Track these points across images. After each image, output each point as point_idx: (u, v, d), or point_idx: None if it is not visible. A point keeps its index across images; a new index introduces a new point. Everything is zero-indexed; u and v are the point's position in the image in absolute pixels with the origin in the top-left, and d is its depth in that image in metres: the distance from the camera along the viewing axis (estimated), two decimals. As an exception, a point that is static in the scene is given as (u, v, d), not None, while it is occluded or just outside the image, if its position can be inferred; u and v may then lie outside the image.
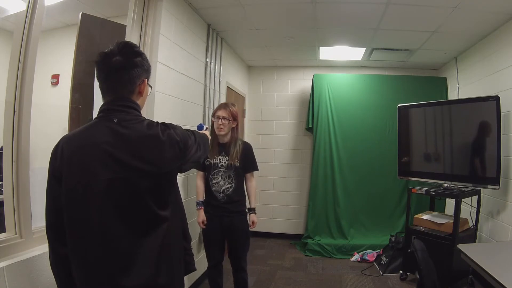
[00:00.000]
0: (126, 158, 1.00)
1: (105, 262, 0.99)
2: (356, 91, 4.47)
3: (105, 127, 1.03)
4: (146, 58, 1.13)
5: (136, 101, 1.11)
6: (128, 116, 1.06)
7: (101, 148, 1.00)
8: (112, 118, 1.04)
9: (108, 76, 1.07)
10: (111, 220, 0.99)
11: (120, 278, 0.99)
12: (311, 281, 3.36)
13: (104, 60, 1.06)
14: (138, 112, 1.10)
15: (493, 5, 2.63)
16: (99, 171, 0.99)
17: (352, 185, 4.41)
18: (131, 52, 1.08)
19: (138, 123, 1.06)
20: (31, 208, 1.48)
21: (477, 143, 3.07)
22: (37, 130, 1.60)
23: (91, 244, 0.99)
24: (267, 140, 4.87)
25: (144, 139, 1.04)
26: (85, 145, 1.02)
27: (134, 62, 1.07)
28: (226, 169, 2.44)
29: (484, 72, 3.35)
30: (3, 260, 1.31)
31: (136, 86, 1.09)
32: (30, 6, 1.48)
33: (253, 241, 4.65)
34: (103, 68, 1.07)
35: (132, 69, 1.07)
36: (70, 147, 1.03)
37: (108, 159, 0.99)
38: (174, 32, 2.57)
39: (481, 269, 1.69)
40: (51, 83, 3.02)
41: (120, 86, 1.08)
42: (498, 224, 2.98)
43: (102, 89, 1.09)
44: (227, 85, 3.96)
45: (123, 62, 1.05)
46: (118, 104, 1.07)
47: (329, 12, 2.95)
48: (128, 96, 1.09)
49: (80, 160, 1.01)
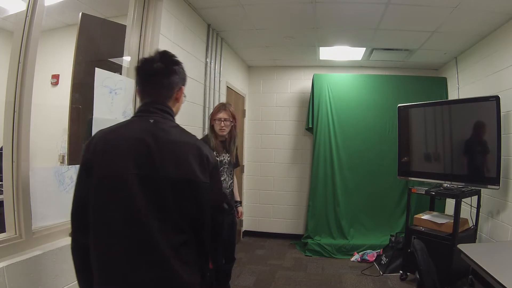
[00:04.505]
0: (156, 158, 1.03)
1: (122, 255, 1.01)
2: (356, 91, 4.47)
3: (141, 126, 1.08)
4: (183, 67, 1.19)
5: (172, 107, 1.16)
6: (163, 119, 1.10)
7: (134, 144, 1.04)
8: (149, 118, 1.09)
9: (149, 80, 1.13)
10: (134, 215, 1.01)
11: (134, 273, 1.00)
12: (311, 281, 3.36)
13: (146, 65, 1.12)
14: (172, 118, 1.15)
15: (493, 5, 2.63)
16: (129, 166, 1.02)
17: (352, 185, 4.41)
18: (171, 60, 1.14)
19: (173, 128, 1.11)
20: (31, 208, 1.48)
21: (477, 143, 3.07)
22: (37, 130, 1.60)
23: (112, 236, 1.01)
24: (267, 140, 4.87)
25: (177, 144, 1.07)
26: (119, 139, 1.06)
27: (174, 70, 1.13)
28: (228, 166, 2.56)
29: (484, 72, 3.35)
30: (3, 260, 1.31)
31: (174, 92, 1.15)
32: (30, 6, 1.48)
33: (253, 241, 4.68)
34: (144, 72, 1.13)
35: (172, 76, 1.13)
36: (104, 140, 1.07)
37: (139, 156, 1.03)
38: (174, 32, 2.57)
39: (481, 269, 1.69)
40: (51, 83, 3.02)
41: (159, 90, 1.13)
42: (498, 224, 2.98)
43: (141, 93, 1.15)
44: (227, 85, 3.96)
45: (164, 68, 1.11)
46: (155, 107, 1.11)
47: (329, 12, 2.95)
48: (165, 101, 1.14)
49: (113, 154, 1.04)
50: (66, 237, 1.66)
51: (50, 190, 1.61)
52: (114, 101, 1.97)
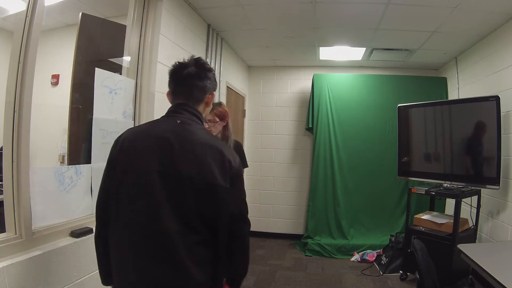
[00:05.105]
0: (178, 157, 1.05)
1: (137, 247, 1.04)
2: (356, 91, 4.48)
3: (167, 125, 1.12)
4: (215, 75, 1.25)
5: (200, 111, 1.20)
6: (190, 121, 1.14)
7: (158, 142, 1.08)
8: (176, 119, 1.13)
9: (183, 82, 1.18)
10: (153, 209, 1.04)
11: (144, 265, 1.03)
12: (311, 281, 3.36)
13: (180, 69, 1.18)
14: (200, 121, 1.18)
15: (493, 5, 2.63)
16: (152, 163, 1.05)
17: (352, 185, 4.41)
18: (204, 67, 1.20)
19: (199, 130, 1.14)
20: (31, 208, 1.48)
21: (477, 143, 3.07)
22: (37, 130, 1.59)
23: (130, 227, 1.06)
24: (267, 140, 4.87)
25: (200, 145, 1.08)
26: (144, 137, 1.11)
27: (207, 75, 1.19)
28: None
29: (484, 72, 3.35)
30: (3, 260, 1.31)
31: (205, 96, 1.20)
32: (30, 6, 1.48)
33: (253, 241, 4.67)
34: (178, 75, 1.18)
35: (206, 80, 1.19)
36: (131, 137, 1.13)
37: (162, 154, 1.06)
38: (174, 32, 2.57)
39: (481, 269, 1.69)
40: (51, 83, 3.02)
41: (191, 93, 1.17)
42: (498, 224, 2.98)
43: (172, 94, 1.20)
44: (227, 85, 3.96)
45: (198, 72, 1.17)
46: (184, 109, 1.16)
47: (329, 12, 2.95)
48: (195, 104, 1.18)
49: (137, 150, 1.09)
50: (66, 237, 1.66)
51: (50, 190, 1.61)
52: (114, 101, 1.97)
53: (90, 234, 1.70)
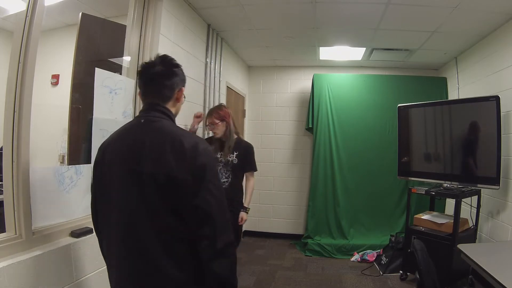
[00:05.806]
0: (143, 154, 1.07)
1: (116, 242, 1.10)
2: (356, 91, 4.48)
3: (136, 126, 1.17)
4: (182, 70, 1.25)
5: (169, 108, 1.21)
6: (154, 118, 1.15)
7: (125, 143, 1.14)
8: (144, 118, 1.16)
9: (150, 82, 1.19)
10: (126, 206, 1.08)
11: (125, 260, 1.08)
12: (311, 281, 3.36)
13: (147, 69, 1.18)
14: (167, 117, 1.18)
15: (493, 5, 2.63)
16: (120, 162, 1.11)
17: (352, 185, 4.41)
18: (170, 63, 1.20)
19: (167, 126, 1.14)
20: (31, 208, 1.48)
21: (477, 143, 3.07)
22: (37, 130, 1.59)
23: (109, 225, 1.13)
24: (267, 140, 4.87)
25: (161, 137, 1.09)
26: (116, 139, 1.18)
27: (174, 72, 1.19)
28: (224, 164, 2.60)
29: (484, 72, 3.35)
30: (3, 260, 1.31)
31: (174, 93, 1.21)
32: (30, 6, 1.48)
33: (253, 241, 4.68)
34: (145, 75, 1.19)
35: (173, 77, 1.19)
36: (108, 141, 1.20)
37: (131, 155, 1.10)
38: (174, 32, 2.57)
39: (481, 269, 1.69)
40: (51, 83, 3.02)
41: (160, 92, 1.18)
42: (498, 224, 2.98)
43: (143, 94, 1.21)
44: (227, 85, 3.96)
45: (165, 70, 1.17)
46: (153, 108, 1.17)
47: (329, 12, 2.95)
48: (165, 101, 1.19)
49: (110, 152, 1.15)
50: (66, 237, 1.66)
51: (50, 190, 1.60)
52: (114, 101, 1.97)
53: (90, 234, 1.70)
